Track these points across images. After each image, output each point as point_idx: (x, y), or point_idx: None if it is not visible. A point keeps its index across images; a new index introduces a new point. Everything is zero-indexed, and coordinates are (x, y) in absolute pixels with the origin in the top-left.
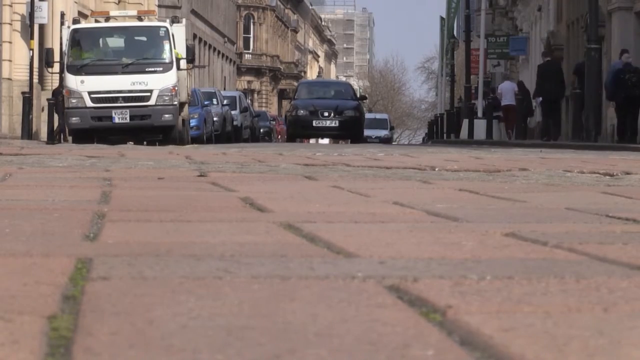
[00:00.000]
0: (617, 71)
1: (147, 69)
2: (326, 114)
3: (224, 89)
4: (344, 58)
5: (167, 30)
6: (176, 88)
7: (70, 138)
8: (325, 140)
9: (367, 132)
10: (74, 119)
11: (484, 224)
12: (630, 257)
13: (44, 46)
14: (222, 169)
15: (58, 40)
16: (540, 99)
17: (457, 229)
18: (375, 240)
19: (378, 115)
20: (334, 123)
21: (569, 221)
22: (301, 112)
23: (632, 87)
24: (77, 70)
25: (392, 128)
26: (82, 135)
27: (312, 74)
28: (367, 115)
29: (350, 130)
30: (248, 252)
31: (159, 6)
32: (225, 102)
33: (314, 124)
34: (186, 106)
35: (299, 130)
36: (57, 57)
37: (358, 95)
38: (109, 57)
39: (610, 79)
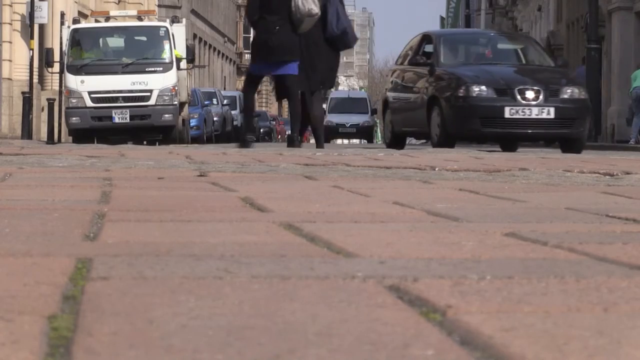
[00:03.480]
0: None
1: (147, 69)
2: (530, 94)
3: (224, 89)
4: (344, 58)
5: (167, 30)
6: (176, 88)
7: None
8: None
9: (338, 118)
10: (74, 118)
11: (484, 224)
12: (630, 257)
13: (44, 46)
14: (222, 169)
15: (58, 40)
16: None
17: (457, 228)
18: (375, 240)
19: (353, 94)
20: (547, 113)
21: (569, 221)
22: (477, 90)
23: None
24: (77, 70)
25: (374, 112)
26: (82, 135)
27: None
28: (337, 93)
29: (576, 127)
30: (248, 252)
31: (159, 6)
32: (225, 102)
33: (507, 114)
34: (186, 106)
35: (473, 125)
36: (57, 57)
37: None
38: (109, 57)
39: None
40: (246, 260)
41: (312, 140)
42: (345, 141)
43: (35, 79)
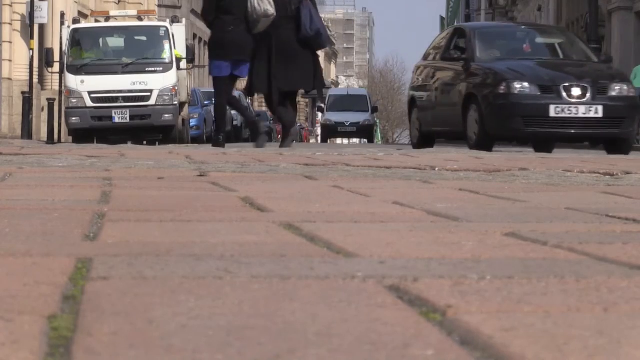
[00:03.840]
0: None
1: (147, 69)
2: (576, 91)
3: None
4: (344, 58)
5: (167, 30)
6: (176, 88)
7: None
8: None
9: (337, 116)
10: (74, 118)
11: (484, 224)
12: (630, 257)
13: (44, 46)
14: (222, 169)
15: (58, 40)
16: None
17: (457, 228)
18: (375, 240)
19: (353, 91)
20: (595, 112)
21: (569, 221)
22: (519, 87)
23: None
24: (77, 70)
25: (374, 110)
26: (82, 135)
27: None
28: (336, 91)
29: (625, 126)
30: (248, 252)
31: (159, 6)
32: None
33: (552, 113)
34: (186, 106)
35: (515, 124)
36: (57, 57)
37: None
38: (109, 57)
39: None
40: (246, 260)
41: (315, 140)
42: (345, 141)
43: (35, 79)
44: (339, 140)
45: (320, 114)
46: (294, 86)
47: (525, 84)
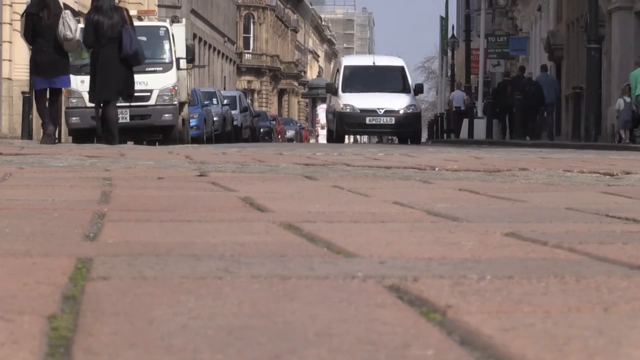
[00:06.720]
0: (522, 84)
1: (147, 69)
2: None
3: (224, 89)
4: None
5: (167, 30)
6: (176, 88)
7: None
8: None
9: (362, 100)
10: (74, 119)
11: (484, 224)
12: (630, 257)
13: None
14: (222, 169)
15: None
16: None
17: (457, 228)
18: (375, 240)
19: (382, 60)
20: None
21: (569, 221)
22: None
23: (531, 97)
24: (77, 70)
25: (418, 90)
26: (82, 135)
27: (312, 73)
28: (354, 59)
29: None
30: (248, 252)
31: (159, 6)
32: (225, 102)
33: None
34: (186, 106)
35: None
36: None
37: None
38: None
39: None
40: (246, 260)
41: (315, 140)
42: (374, 139)
43: None
44: (354, 139)
45: (328, 99)
46: (111, 97)
47: None
